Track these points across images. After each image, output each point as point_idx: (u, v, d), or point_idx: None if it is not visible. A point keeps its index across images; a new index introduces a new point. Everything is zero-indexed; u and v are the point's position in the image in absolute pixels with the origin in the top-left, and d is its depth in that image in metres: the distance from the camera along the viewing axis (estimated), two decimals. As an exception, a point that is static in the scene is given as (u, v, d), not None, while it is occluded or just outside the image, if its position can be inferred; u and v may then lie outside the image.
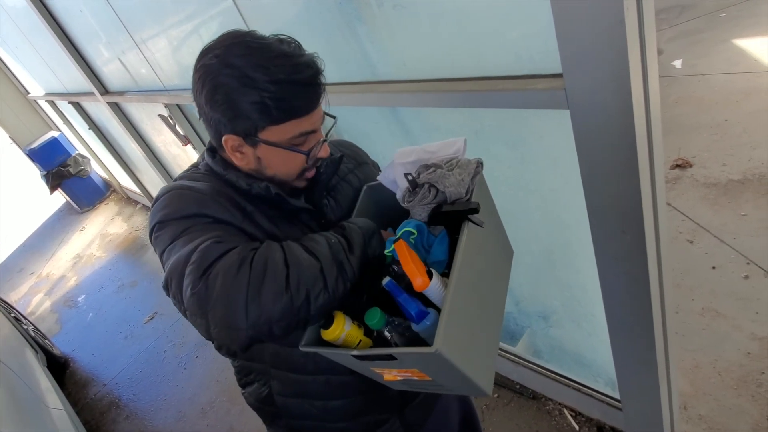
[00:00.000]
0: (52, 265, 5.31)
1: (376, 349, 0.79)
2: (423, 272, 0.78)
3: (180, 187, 0.85)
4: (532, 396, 2.03)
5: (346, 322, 0.84)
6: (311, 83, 0.82)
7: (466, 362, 0.77)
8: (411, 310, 0.81)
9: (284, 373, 1.02)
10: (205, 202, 0.82)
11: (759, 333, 1.86)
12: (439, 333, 0.71)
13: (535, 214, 1.46)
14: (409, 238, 0.86)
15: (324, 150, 0.89)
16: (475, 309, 0.84)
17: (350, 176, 1.07)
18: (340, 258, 0.78)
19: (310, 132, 0.85)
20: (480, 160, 0.88)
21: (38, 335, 3.59)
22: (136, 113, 3.45)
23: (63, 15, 3.00)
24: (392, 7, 1.20)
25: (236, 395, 2.75)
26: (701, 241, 2.29)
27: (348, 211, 1.00)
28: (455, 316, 0.75)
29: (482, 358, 0.86)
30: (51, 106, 5.45)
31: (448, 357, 0.71)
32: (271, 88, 0.78)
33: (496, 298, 0.96)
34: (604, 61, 0.83)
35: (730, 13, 3.84)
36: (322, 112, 0.87)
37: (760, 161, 2.53)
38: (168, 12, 2.08)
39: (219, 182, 0.90)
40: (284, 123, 0.82)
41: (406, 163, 0.91)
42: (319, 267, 0.75)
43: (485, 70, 1.11)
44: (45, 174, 5.69)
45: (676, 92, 3.32)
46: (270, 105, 0.79)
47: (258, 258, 0.71)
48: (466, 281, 0.79)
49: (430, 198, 0.85)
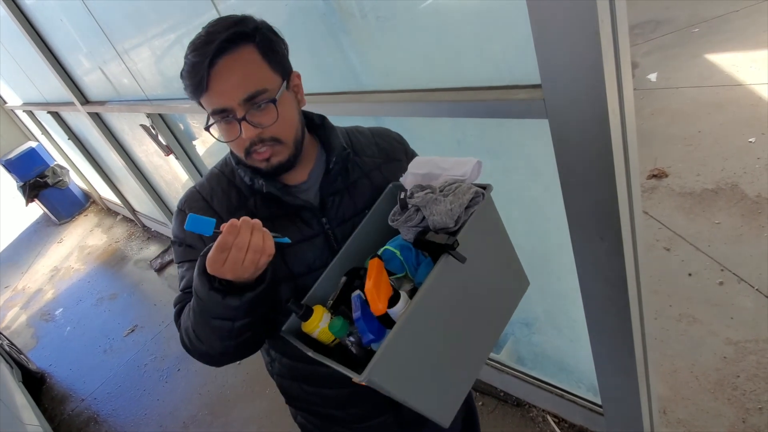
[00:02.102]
0: (28, 278, 5.19)
1: (323, 357, 0.80)
2: (385, 297, 0.77)
3: (181, 202, 0.97)
4: (516, 403, 2.04)
5: (323, 319, 0.85)
6: (199, 54, 0.78)
7: (411, 392, 0.76)
8: (361, 333, 0.81)
9: (279, 356, 1.07)
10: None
11: (733, 338, 1.91)
12: (370, 364, 0.70)
13: (517, 223, 1.49)
14: (395, 255, 0.85)
15: (246, 130, 0.81)
16: (440, 341, 0.82)
17: (374, 173, 1.00)
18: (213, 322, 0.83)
19: (219, 111, 0.81)
20: (481, 191, 0.83)
21: (13, 350, 3.50)
22: (117, 123, 3.41)
23: (43, 24, 2.97)
24: (375, 18, 1.22)
25: (219, 408, 2.71)
26: (678, 249, 2.35)
27: (362, 209, 0.96)
28: (401, 348, 0.74)
29: (440, 390, 0.84)
30: (29, 116, 5.36)
31: (381, 386, 0.71)
32: (184, 66, 0.81)
33: (480, 331, 0.92)
34: (581, 72, 0.86)
35: (702, 29, 3.98)
36: (231, 93, 0.80)
37: (732, 171, 2.62)
38: (151, 22, 2.08)
39: (231, 176, 0.96)
40: (199, 98, 0.82)
41: (417, 174, 0.89)
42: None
43: (466, 81, 1.13)
44: (22, 185, 5.57)
45: (652, 104, 3.42)
46: (184, 81, 0.82)
47: (182, 329, 0.91)
48: (428, 313, 0.77)
49: (416, 221, 0.83)
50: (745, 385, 1.76)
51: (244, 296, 0.77)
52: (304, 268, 0.93)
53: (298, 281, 0.93)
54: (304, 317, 0.84)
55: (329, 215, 0.94)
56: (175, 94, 2.34)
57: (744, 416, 1.68)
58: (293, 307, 0.84)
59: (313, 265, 0.93)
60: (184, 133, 2.90)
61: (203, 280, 0.77)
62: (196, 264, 0.79)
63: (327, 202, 0.94)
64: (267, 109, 0.82)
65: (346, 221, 0.95)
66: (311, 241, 0.93)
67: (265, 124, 0.83)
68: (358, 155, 1.00)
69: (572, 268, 1.22)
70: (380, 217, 0.92)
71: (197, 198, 0.95)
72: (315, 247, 0.94)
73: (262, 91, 0.81)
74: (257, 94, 0.81)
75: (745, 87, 3.17)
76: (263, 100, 0.81)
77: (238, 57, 0.80)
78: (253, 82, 0.81)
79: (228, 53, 0.79)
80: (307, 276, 0.93)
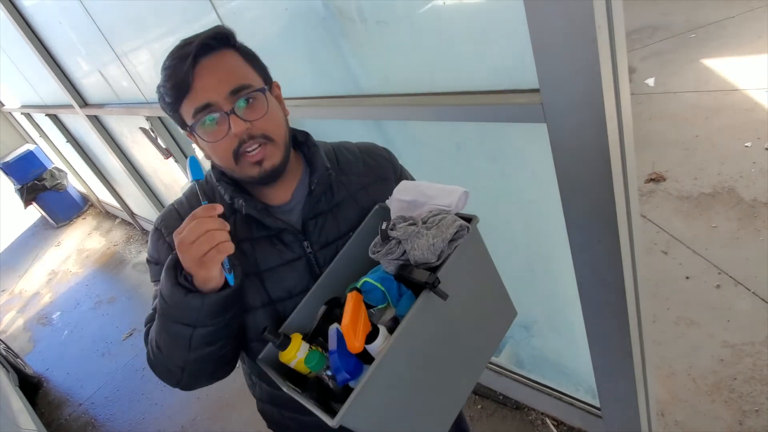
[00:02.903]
0: (25, 281, 5.17)
1: (296, 394, 0.78)
2: (362, 334, 0.74)
3: (158, 221, 0.94)
4: (515, 406, 2.04)
5: (301, 348, 0.81)
6: (178, 56, 0.78)
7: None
8: (335, 372, 0.78)
9: (259, 381, 1.05)
10: (160, 248, 0.92)
11: (730, 340, 1.92)
12: (342, 408, 0.68)
13: (516, 226, 1.50)
14: (376, 286, 0.82)
15: (235, 124, 0.78)
16: (419, 379, 0.79)
17: (361, 193, 0.96)
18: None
19: (204, 107, 0.79)
20: (466, 224, 0.79)
21: (10, 354, 3.48)
22: (116, 126, 3.41)
23: (42, 27, 2.97)
24: (375, 23, 1.23)
25: (217, 413, 2.70)
26: (675, 252, 2.36)
27: (346, 232, 0.92)
28: (377, 390, 0.71)
29: (420, 427, 0.82)
30: (27, 118, 5.36)
31: (355, 428, 0.69)
32: (160, 78, 0.81)
33: (463, 365, 0.89)
34: (578, 77, 0.87)
35: (698, 35, 4.01)
36: (216, 87, 0.78)
37: (728, 175, 2.63)
38: (150, 25, 2.09)
39: (212, 193, 0.93)
40: (180, 105, 0.81)
41: (402, 201, 0.85)
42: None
43: (465, 85, 1.14)
44: (19, 188, 5.56)
45: (650, 109, 3.44)
46: (161, 91, 0.81)
47: (149, 343, 0.89)
48: (406, 351, 0.75)
49: (397, 254, 0.79)
50: (742, 387, 1.77)
51: (206, 298, 0.76)
52: (284, 293, 0.90)
53: (277, 307, 0.90)
54: (282, 347, 0.80)
55: (311, 238, 0.91)
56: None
57: (741, 418, 1.69)
58: (270, 336, 0.80)
59: (293, 291, 0.90)
60: (183, 136, 2.90)
61: (169, 275, 0.76)
62: (168, 259, 0.78)
63: (309, 225, 0.91)
64: (255, 104, 0.81)
65: (329, 244, 0.92)
66: (292, 265, 0.90)
67: (255, 118, 0.80)
68: (345, 174, 0.97)
69: (570, 270, 1.23)
70: (365, 240, 0.88)
71: (175, 216, 0.92)
72: (296, 272, 0.90)
73: (248, 86, 0.80)
74: (242, 87, 0.79)
75: (742, 92, 3.19)
76: (249, 92, 0.80)
77: (220, 57, 0.80)
78: (237, 77, 0.80)
79: (210, 54, 0.79)
80: (287, 302, 0.90)
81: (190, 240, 0.71)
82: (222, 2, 1.58)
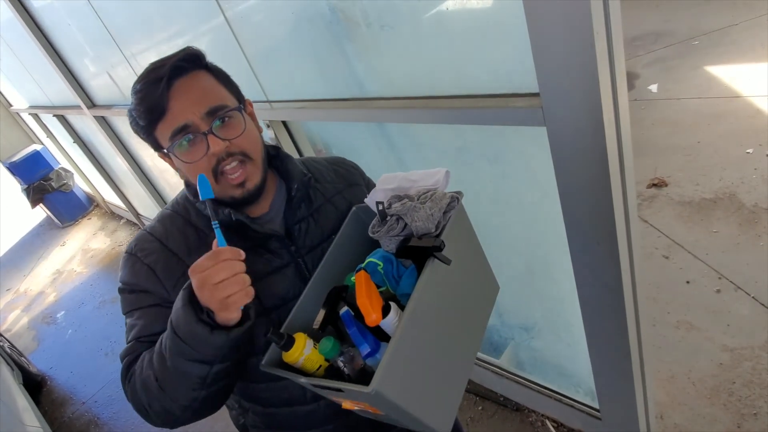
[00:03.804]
0: (30, 281, 5.21)
1: (322, 380, 0.78)
2: (377, 308, 0.76)
3: (131, 247, 0.91)
4: (515, 408, 2.06)
5: (307, 346, 0.81)
6: (150, 79, 0.78)
7: (414, 402, 0.75)
8: (359, 346, 0.79)
9: (253, 406, 1.02)
10: (138, 272, 0.87)
11: (730, 344, 1.93)
12: (377, 373, 0.68)
13: (516, 227, 1.52)
14: (377, 268, 0.84)
15: (213, 144, 0.79)
16: (434, 347, 0.82)
17: (337, 198, 1.00)
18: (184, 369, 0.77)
19: (181, 128, 0.79)
20: (456, 195, 0.85)
21: (14, 352, 3.51)
22: (123, 127, 3.45)
23: (51, 28, 3.01)
24: (380, 27, 1.26)
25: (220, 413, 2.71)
26: (676, 257, 2.37)
27: (329, 235, 0.94)
28: (402, 356, 0.73)
29: (438, 398, 0.83)
30: (34, 119, 5.41)
31: (388, 397, 0.70)
32: (131, 101, 0.82)
33: (466, 336, 0.92)
34: (577, 82, 0.90)
35: (702, 42, 4.02)
36: (192, 108, 0.79)
37: (730, 181, 2.65)
38: (159, 27, 2.12)
39: (186, 214, 0.92)
40: (155, 128, 0.81)
41: (387, 189, 0.89)
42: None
43: (467, 89, 1.17)
44: (26, 188, 5.61)
45: (652, 115, 3.45)
46: (133, 114, 0.82)
47: (136, 380, 0.83)
48: (422, 319, 0.77)
49: (398, 230, 0.83)
50: (741, 391, 1.78)
51: (231, 332, 0.73)
52: (278, 300, 0.90)
53: (272, 315, 0.90)
54: (286, 347, 0.80)
55: (297, 243, 0.92)
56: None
57: (739, 422, 1.70)
58: (273, 337, 0.79)
59: (286, 296, 0.90)
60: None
61: (188, 312, 0.72)
62: (179, 297, 0.75)
63: (293, 231, 0.92)
64: (231, 123, 0.82)
65: (315, 248, 0.94)
66: (282, 272, 0.91)
67: (232, 137, 0.81)
68: (318, 182, 1.00)
69: (569, 272, 1.25)
70: (347, 241, 0.92)
71: (149, 239, 0.90)
72: (286, 278, 0.91)
73: (223, 106, 0.81)
74: (218, 108, 0.81)
75: (744, 99, 3.20)
76: (225, 112, 0.81)
77: (193, 77, 0.81)
78: (211, 98, 0.81)
79: (182, 76, 0.80)
80: (281, 309, 0.90)
81: (214, 280, 0.69)
82: (229, 5, 1.61)
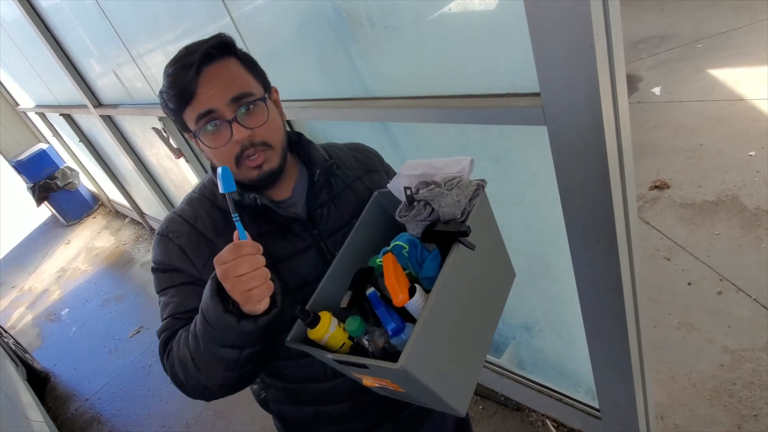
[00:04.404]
0: (34, 278, 5.24)
1: (348, 356, 0.80)
2: (404, 288, 0.79)
3: (162, 229, 0.94)
4: (516, 407, 2.06)
5: (332, 324, 0.84)
6: (182, 64, 0.81)
7: (437, 381, 0.77)
8: (386, 325, 0.82)
9: (275, 382, 1.06)
10: (171, 252, 0.91)
11: (731, 346, 1.93)
12: (405, 350, 0.71)
13: (517, 227, 1.53)
14: (402, 251, 0.87)
15: (237, 131, 0.82)
16: (456, 329, 0.84)
17: (357, 183, 1.03)
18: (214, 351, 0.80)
19: (206, 113, 0.82)
20: (481, 183, 0.87)
21: (18, 349, 3.54)
22: (128, 126, 3.48)
23: (59, 28, 3.05)
24: (384, 28, 1.27)
25: (222, 409, 2.74)
26: (678, 259, 2.38)
27: (349, 219, 0.97)
28: (428, 335, 0.75)
29: (458, 378, 0.85)
30: (41, 118, 5.46)
31: (414, 374, 0.72)
32: (163, 84, 0.84)
33: (484, 320, 0.94)
34: (577, 81, 0.91)
35: (705, 45, 4.03)
36: (218, 95, 0.82)
37: (732, 183, 2.65)
38: (166, 28, 2.15)
39: (213, 198, 0.95)
40: (183, 111, 0.84)
41: (411, 176, 0.91)
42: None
43: (469, 89, 1.18)
44: (32, 186, 5.65)
45: (655, 117, 3.46)
46: (164, 96, 0.85)
47: (174, 357, 0.86)
48: (446, 301, 0.79)
49: (425, 215, 0.85)
50: (741, 392, 1.78)
51: (259, 320, 0.75)
52: (300, 281, 0.93)
53: (295, 295, 0.93)
54: (312, 324, 0.83)
55: (319, 227, 0.96)
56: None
57: (739, 423, 1.70)
58: (300, 314, 0.82)
59: (308, 278, 0.94)
60: (194, 137, 2.96)
61: (216, 302, 0.74)
62: (207, 285, 0.77)
63: (315, 215, 0.95)
64: (256, 111, 0.85)
65: (336, 232, 0.97)
66: (304, 254, 0.94)
67: (255, 126, 0.84)
68: (339, 167, 1.02)
69: (570, 271, 1.26)
70: (368, 226, 0.95)
71: (179, 222, 0.93)
72: (308, 260, 0.94)
73: (249, 94, 0.84)
74: (244, 95, 0.83)
75: (747, 102, 3.21)
76: (251, 100, 0.84)
77: (222, 65, 0.83)
78: (239, 85, 0.84)
79: (212, 62, 0.82)
80: (303, 289, 0.93)
81: (236, 273, 0.71)
82: (236, 6, 1.63)
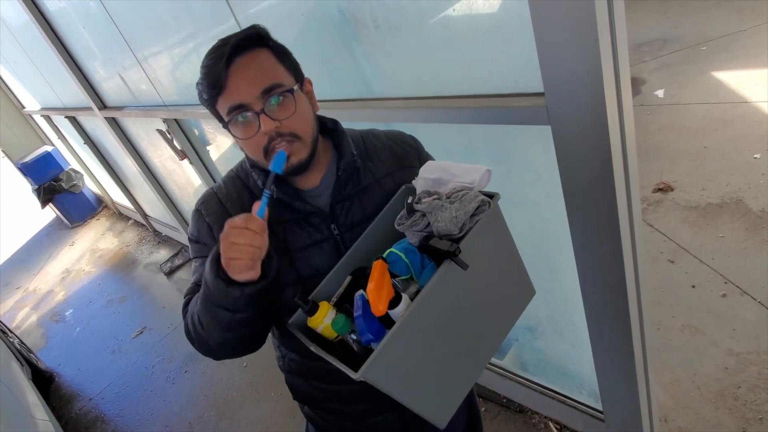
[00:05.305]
0: (39, 279, 5.27)
1: (321, 352, 0.84)
2: (385, 299, 0.79)
3: (199, 203, 1.00)
4: (518, 409, 2.06)
5: (329, 315, 0.87)
6: (215, 56, 0.83)
7: (406, 392, 0.79)
8: (360, 333, 0.83)
9: (289, 353, 1.10)
10: (200, 227, 0.98)
11: (735, 349, 1.93)
12: (366, 362, 0.73)
13: (520, 227, 1.52)
14: (400, 257, 0.87)
15: (264, 123, 0.83)
16: (438, 345, 0.84)
17: (386, 179, 1.01)
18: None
19: (237, 107, 0.84)
20: (487, 199, 0.84)
21: (23, 349, 3.56)
22: (133, 128, 3.50)
23: (65, 31, 3.07)
24: (388, 29, 1.28)
25: (225, 410, 2.74)
26: (681, 261, 2.37)
27: (371, 215, 0.97)
28: (397, 348, 0.76)
29: (437, 391, 0.86)
30: (46, 120, 5.49)
31: (377, 384, 0.74)
32: (200, 75, 0.86)
33: (480, 338, 0.93)
34: (581, 81, 0.91)
35: (709, 47, 4.02)
36: (248, 88, 0.83)
37: (736, 186, 2.64)
38: (171, 30, 2.16)
39: (246, 178, 0.99)
40: (216, 101, 0.86)
41: (427, 179, 0.90)
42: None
43: (473, 89, 1.19)
44: (37, 188, 5.68)
45: (659, 120, 3.45)
46: (199, 88, 0.87)
47: (188, 315, 0.94)
48: (426, 317, 0.79)
49: (421, 226, 0.84)
50: (746, 395, 1.77)
51: (246, 288, 0.79)
52: (313, 271, 0.95)
53: (306, 284, 0.95)
54: (310, 312, 0.86)
55: (338, 221, 0.96)
56: (190, 99, 2.41)
57: (744, 426, 1.69)
58: (299, 302, 0.86)
59: (321, 269, 0.95)
60: (198, 138, 2.98)
61: (212, 267, 0.80)
62: (215, 247, 0.82)
63: (336, 209, 0.96)
64: (284, 103, 0.85)
65: (355, 227, 0.97)
66: (321, 246, 0.96)
67: (283, 117, 0.85)
68: (371, 160, 1.01)
69: (573, 271, 1.26)
70: (391, 219, 0.94)
71: (213, 199, 0.98)
72: (324, 252, 0.96)
73: (279, 85, 0.84)
74: (273, 87, 0.84)
75: (751, 104, 3.20)
76: (280, 92, 0.84)
77: (253, 56, 0.84)
78: (269, 77, 0.84)
79: (243, 53, 0.83)
80: (315, 279, 0.94)
81: (231, 239, 0.76)
82: (241, 8, 1.65)
